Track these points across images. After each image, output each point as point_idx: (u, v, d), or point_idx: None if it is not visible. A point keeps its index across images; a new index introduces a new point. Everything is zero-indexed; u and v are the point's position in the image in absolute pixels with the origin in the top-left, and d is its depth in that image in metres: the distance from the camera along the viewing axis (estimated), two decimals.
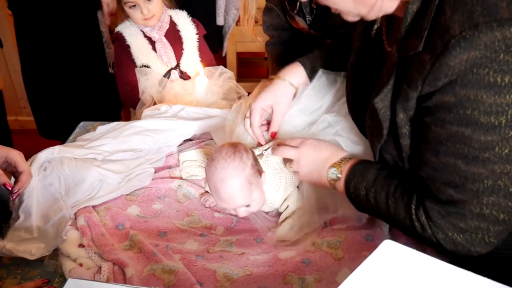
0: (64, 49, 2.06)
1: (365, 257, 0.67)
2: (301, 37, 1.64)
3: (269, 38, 1.75)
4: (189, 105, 1.48)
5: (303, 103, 1.19)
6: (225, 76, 1.74)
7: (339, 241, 1.03)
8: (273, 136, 1.12)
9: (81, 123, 1.58)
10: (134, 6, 1.65)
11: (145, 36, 1.75)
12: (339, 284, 0.66)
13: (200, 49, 1.85)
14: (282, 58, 1.73)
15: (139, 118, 1.47)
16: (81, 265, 1.01)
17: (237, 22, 2.81)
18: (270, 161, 1.14)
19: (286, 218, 1.13)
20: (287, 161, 1.10)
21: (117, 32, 1.76)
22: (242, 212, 1.09)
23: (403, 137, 0.85)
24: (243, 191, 1.06)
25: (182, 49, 1.79)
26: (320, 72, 1.18)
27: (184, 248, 1.05)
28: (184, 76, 1.79)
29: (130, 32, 1.74)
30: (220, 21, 2.78)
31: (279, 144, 1.10)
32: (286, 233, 1.09)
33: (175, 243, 1.06)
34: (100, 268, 0.98)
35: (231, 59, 2.90)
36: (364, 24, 0.99)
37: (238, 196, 1.06)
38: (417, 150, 0.84)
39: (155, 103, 1.63)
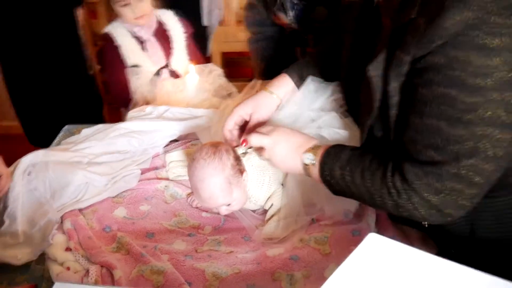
0: (41, 51, 2.04)
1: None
2: (284, 33, 1.65)
3: (252, 35, 1.76)
4: (181, 103, 1.49)
5: (290, 109, 1.19)
6: (215, 74, 1.75)
7: (326, 237, 1.04)
8: (244, 142, 1.12)
9: (66, 126, 1.56)
10: (125, 5, 1.65)
11: (134, 36, 1.74)
12: (326, 279, 0.67)
13: (189, 47, 1.85)
14: (266, 55, 1.74)
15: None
16: (68, 268, 1.00)
17: (221, 22, 2.82)
18: (253, 159, 1.15)
19: (272, 216, 1.13)
20: (259, 150, 1.07)
21: (106, 33, 1.75)
22: (223, 210, 1.10)
23: (392, 107, 0.86)
24: (222, 191, 1.06)
25: (171, 48, 1.79)
26: (309, 79, 1.19)
27: (172, 248, 1.05)
28: (174, 74, 1.78)
29: (119, 32, 1.73)
30: (204, 21, 2.78)
31: (250, 132, 1.08)
32: (273, 230, 1.09)
33: (163, 244, 1.06)
34: (87, 271, 0.98)
35: (216, 59, 2.89)
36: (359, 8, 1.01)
37: (217, 196, 1.06)
38: (403, 118, 0.86)
39: (147, 103, 1.63)
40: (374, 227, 1.06)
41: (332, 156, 0.95)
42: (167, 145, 1.40)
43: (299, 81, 1.20)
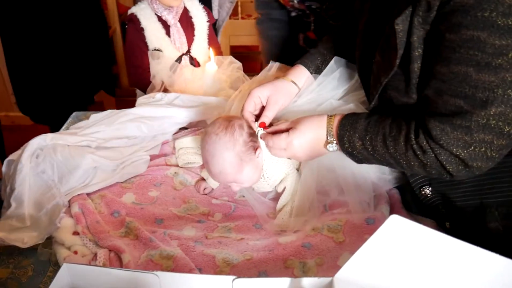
0: (43, 24, 2.04)
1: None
2: (289, 17, 1.67)
3: (259, 15, 1.81)
4: (198, 91, 1.47)
5: (313, 93, 1.17)
6: (233, 66, 1.72)
7: (339, 225, 1.01)
8: (262, 126, 1.10)
9: (74, 113, 1.54)
10: None
11: (159, 19, 1.71)
12: (340, 268, 0.65)
13: (210, 37, 1.83)
14: (270, 35, 1.79)
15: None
16: (76, 252, 0.98)
17: (231, 16, 2.79)
18: None
19: (284, 206, 1.11)
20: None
21: (132, 14, 1.71)
22: (234, 186, 1.09)
23: (415, 61, 0.84)
24: (233, 167, 1.04)
25: (194, 35, 1.76)
26: (333, 61, 1.17)
27: (182, 234, 1.03)
28: (194, 62, 1.76)
29: (145, 14, 1.69)
30: (215, 14, 2.74)
31: (269, 146, 1.05)
32: (286, 219, 1.07)
33: (173, 230, 1.04)
34: (95, 255, 0.96)
35: (225, 52, 2.87)
36: None
37: (227, 172, 1.04)
38: (427, 71, 0.83)
39: (165, 88, 1.61)
40: (389, 215, 1.02)
41: (348, 127, 0.94)
42: (176, 132, 1.38)
43: (316, 71, 1.19)
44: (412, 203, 1.08)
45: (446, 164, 0.83)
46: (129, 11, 1.74)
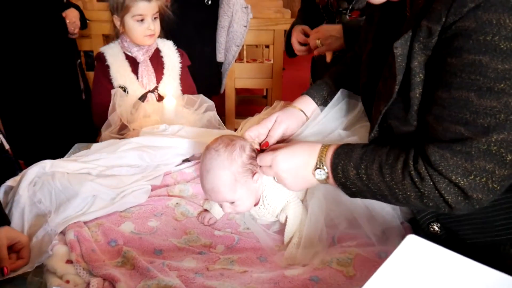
0: (36, 75, 2.07)
1: None
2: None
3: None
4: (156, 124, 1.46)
5: (319, 125, 1.16)
6: (205, 106, 1.72)
7: (350, 258, 0.96)
8: (264, 145, 1.08)
9: (76, 144, 1.53)
10: (142, 20, 1.65)
11: (127, 58, 1.73)
12: None
13: (183, 78, 1.84)
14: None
15: (104, 140, 1.44)
16: (68, 282, 0.93)
17: (236, 59, 2.84)
18: None
19: (291, 238, 1.06)
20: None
21: (100, 52, 1.75)
22: (226, 208, 1.07)
23: (416, 87, 0.82)
24: (225, 186, 1.02)
25: (163, 74, 1.77)
26: (339, 93, 1.16)
27: (182, 265, 0.97)
28: (161, 100, 1.75)
29: (112, 52, 1.73)
30: (220, 57, 2.79)
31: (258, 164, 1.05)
32: (295, 252, 1.02)
33: (172, 261, 0.99)
34: (88, 284, 0.90)
35: (230, 94, 2.90)
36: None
37: (220, 190, 1.03)
38: (428, 98, 0.81)
39: (122, 125, 1.60)
40: None
41: (342, 156, 0.91)
42: (179, 164, 1.35)
43: (323, 103, 1.18)
44: (425, 238, 1.03)
45: (445, 194, 0.79)
46: (99, 50, 1.78)
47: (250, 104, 3.50)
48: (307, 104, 1.18)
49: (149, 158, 1.27)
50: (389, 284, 0.57)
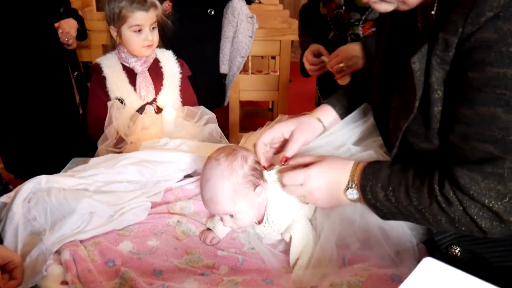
0: (32, 91, 2.06)
1: None
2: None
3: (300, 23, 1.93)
4: (154, 138, 1.44)
5: (331, 136, 1.15)
6: (205, 118, 1.70)
7: (361, 281, 0.92)
8: (283, 160, 1.06)
9: (73, 159, 1.51)
10: (139, 31, 1.64)
11: (124, 69, 1.72)
12: None
13: (183, 89, 1.82)
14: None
15: (100, 154, 1.42)
16: None
17: (241, 71, 2.83)
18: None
19: (298, 259, 1.03)
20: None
21: (96, 63, 1.74)
22: (226, 221, 1.05)
23: (435, 104, 0.80)
24: (224, 198, 1.01)
25: (162, 85, 1.76)
26: (361, 108, 1.14)
27: (183, 287, 0.95)
28: (160, 111, 1.73)
29: (108, 63, 1.71)
30: (224, 69, 2.79)
31: (284, 183, 1.01)
32: (301, 274, 0.99)
33: (172, 282, 0.96)
34: None
35: (234, 107, 2.89)
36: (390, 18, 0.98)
37: (219, 201, 1.02)
38: (449, 115, 0.79)
39: (120, 137, 1.58)
40: None
41: (370, 177, 0.88)
42: (180, 180, 1.33)
43: (343, 112, 1.16)
44: (442, 261, 1.00)
45: (477, 219, 0.76)
46: (95, 61, 1.76)
47: (255, 117, 3.48)
48: (326, 113, 1.16)
49: (149, 173, 1.25)
50: None
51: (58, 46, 2.17)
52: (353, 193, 0.91)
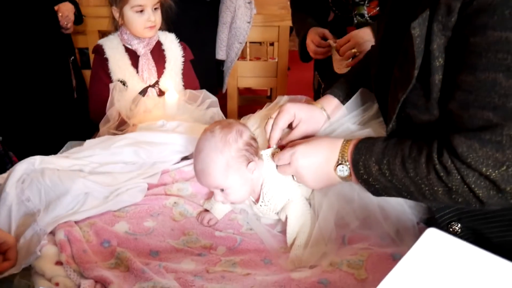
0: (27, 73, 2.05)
1: None
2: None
3: None
4: (156, 120, 1.44)
5: (333, 125, 1.15)
6: (208, 102, 1.70)
7: (361, 260, 0.93)
8: (280, 147, 1.08)
9: (68, 143, 1.51)
10: (142, 11, 1.64)
11: (127, 50, 1.72)
12: None
13: (185, 73, 1.82)
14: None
15: (102, 136, 1.43)
16: (57, 284, 0.90)
17: (239, 57, 2.82)
18: None
19: (295, 239, 1.04)
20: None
21: (98, 44, 1.74)
22: (218, 196, 1.06)
23: (436, 72, 0.79)
24: (216, 170, 1.01)
25: (164, 68, 1.76)
26: (358, 93, 1.14)
27: (180, 267, 0.95)
28: (162, 94, 1.74)
29: (111, 45, 1.71)
30: (221, 55, 2.77)
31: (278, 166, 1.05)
32: (300, 253, 0.99)
33: (169, 262, 0.96)
34: (78, 287, 0.88)
35: (232, 94, 2.88)
36: None
37: (209, 172, 1.02)
38: (449, 83, 0.78)
39: (122, 120, 1.58)
40: None
41: (363, 151, 0.88)
42: (177, 162, 1.33)
43: (343, 97, 1.16)
44: None
45: (475, 188, 0.76)
46: (98, 42, 1.76)
47: (253, 104, 3.46)
48: (329, 102, 1.16)
49: (145, 154, 1.25)
50: (408, 282, 0.54)
51: (57, 29, 2.17)
52: (344, 170, 0.92)
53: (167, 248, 1.02)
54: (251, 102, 3.57)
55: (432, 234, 0.59)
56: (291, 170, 0.99)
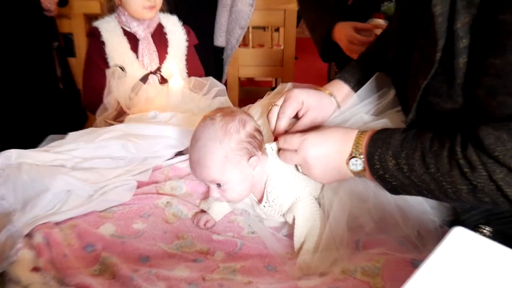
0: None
1: None
2: None
3: None
4: (159, 109, 1.43)
5: (345, 114, 1.14)
6: (215, 91, 1.70)
7: (377, 267, 0.90)
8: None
9: (49, 137, 1.49)
10: None
11: (125, 34, 1.71)
12: None
13: (189, 59, 1.82)
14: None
15: (99, 126, 1.43)
16: None
17: (241, 44, 2.80)
18: None
19: (303, 243, 1.01)
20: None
21: (94, 27, 1.73)
22: (214, 192, 1.04)
23: (460, 54, 0.77)
24: (212, 162, 0.99)
25: (166, 53, 1.76)
26: (373, 78, 1.13)
27: (172, 274, 0.92)
28: (164, 82, 1.74)
29: (108, 27, 1.71)
30: (221, 42, 2.76)
31: (279, 149, 1.04)
32: (308, 259, 0.97)
33: (161, 269, 0.94)
34: None
35: (233, 85, 2.86)
36: None
37: (206, 164, 0.99)
38: (475, 67, 0.77)
39: (121, 110, 1.57)
40: None
41: (379, 143, 0.87)
42: (171, 158, 1.32)
43: (358, 87, 1.15)
44: None
45: (503, 186, 0.74)
46: (93, 24, 1.76)
47: (256, 97, 3.44)
48: (338, 88, 1.15)
49: (135, 149, 1.24)
50: (433, 281, 0.53)
51: (39, 11, 2.15)
52: (357, 164, 0.91)
53: (158, 253, 1.01)
54: (254, 94, 3.55)
55: (459, 234, 0.59)
56: (298, 158, 0.97)
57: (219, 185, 1.02)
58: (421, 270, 0.54)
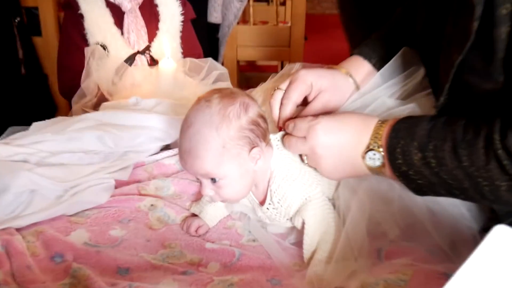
0: None
1: None
2: None
3: None
4: (147, 97, 1.44)
5: (365, 98, 1.15)
6: (215, 75, 1.71)
7: (403, 280, 0.91)
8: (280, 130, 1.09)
9: (10, 128, 1.51)
10: None
11: (108, 5, 1.72)
12: None
13: (184, 36, 1.83)
14: None
15: (75, 115, 1.44)
16: None
17: (240, 21, 2.82)
18: None
19: (315, 252, 1.02)
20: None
21: None
22: (206, 188, 1.03)
23: (502, 23, 0.77)
24: (207, 152, 0.98)
25: (157, 29, 1.76)
26: (399, 54, 1.14)
27: None
28: (154, 63, 1.75)
29: None
30: (215, 17, 2.77)
31: (286, 135, 1.05)
32: (320, 271, 0.98)
33: (143, 283, 0.95)
34: None
35: (230, 69, 2.87)
36: None
37: (199, 155, 0.99)
38: None
39: (102, 96, 1.58)
40: None
41: (402, 133, 0.87)
42: (156, 153, 1.34)
43: (379, 63, 1.16)
44: None
45: None
46: None
47: (257, 84, 3.47)
48: (357, 66, 1.16)
49: (113, 142, 1.26)
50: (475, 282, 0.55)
51: None
52: (375, 158, 0.91)
53: (140, 264, 1.02)
54: (255, 81, 3.57)
55: (501, 233, 0.58)
56: (305, 147, 0.98)
57: (213, 180, 1.02)
58: (456, 276, 0.56)
